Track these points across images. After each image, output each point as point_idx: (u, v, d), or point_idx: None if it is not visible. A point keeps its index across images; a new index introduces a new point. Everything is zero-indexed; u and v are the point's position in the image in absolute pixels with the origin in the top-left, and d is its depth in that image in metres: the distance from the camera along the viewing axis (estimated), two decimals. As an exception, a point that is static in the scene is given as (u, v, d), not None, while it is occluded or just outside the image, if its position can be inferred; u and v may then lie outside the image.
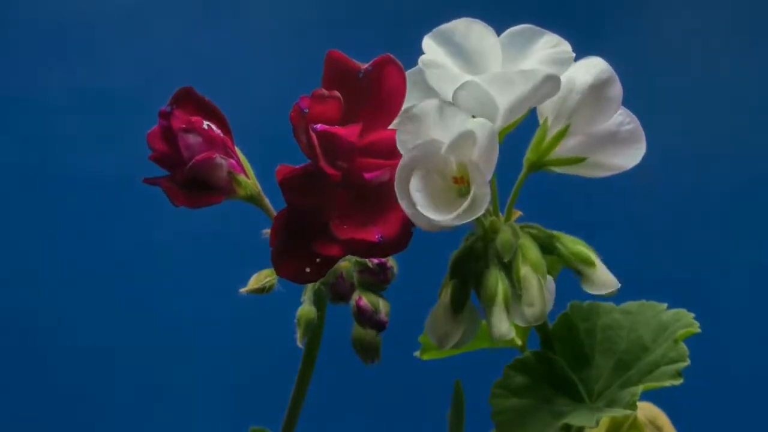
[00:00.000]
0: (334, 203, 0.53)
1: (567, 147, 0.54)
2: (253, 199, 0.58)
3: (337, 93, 0.53)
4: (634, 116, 0.55)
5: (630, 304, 0.61)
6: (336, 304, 0.60)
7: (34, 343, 1.33)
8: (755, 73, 1.37)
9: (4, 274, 1.34)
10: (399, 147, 0.52)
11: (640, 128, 0.55)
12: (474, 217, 0.50)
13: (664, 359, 0.57)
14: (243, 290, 0.59)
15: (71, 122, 1.36)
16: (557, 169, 0.55)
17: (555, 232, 0.56)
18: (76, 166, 1.34)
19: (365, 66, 0.54)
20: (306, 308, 0.60)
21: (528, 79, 0.51)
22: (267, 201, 0.59)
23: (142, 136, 0.58)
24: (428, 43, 0.54)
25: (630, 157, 0.55)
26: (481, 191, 0.50)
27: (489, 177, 0.50)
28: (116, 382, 1.32)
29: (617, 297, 0.62)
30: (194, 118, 0.57)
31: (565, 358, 0.59)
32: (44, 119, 1.36)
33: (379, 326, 0.59)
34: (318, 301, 0.60)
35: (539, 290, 0.53)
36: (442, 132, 0.51)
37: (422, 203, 0.50)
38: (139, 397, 1.32)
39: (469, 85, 0.51)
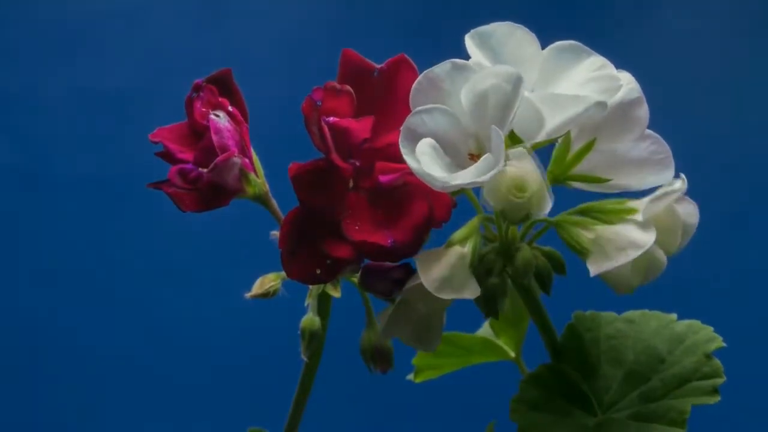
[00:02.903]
0: (346, 202, 0.52)
1: (591, 164, 0.54)
2: (260, 199, 0.57)
3: (349, 88, 0.53)
4: (666, 145, 0.54)
5: (632, 313, 0.61)
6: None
7: (34, 343, 1.32)
8: (756, 74, 1.36)
9: (4, 275, 1.33)
10: (411, 102, 0.51)
11: (671, 159, 0.54)
12: (484, 179, 0.49)
13: (696, 374, 0.57)
14: (248, 295, 0.59)
15: (71, 122, 1.36)
16: (578, 185, 0.55)
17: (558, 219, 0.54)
18: (75, 166, 1.34)
19: (380, 65, 0.54)
20: (309, 318, 0.59)
21: (579, 104, 0.50)
22: (274, 201, 0.58)
23: (143, 136, 0.57)
24: (468, 42, 0.53)
25: (655, 184, 0.54)
26: (497, 152, 0.49)
27: (505, 133, 0.49)
28: (116, 382, 1.32)
29: (619, 303, 0.62)
30: (221, 100, 0.57)
31: (574, 369, 0.59)
32: (44, 119, 1.36)
33: (400, 273, 0.55)
34: (321, 306, 0.60)
35: (626, 233, 0.51)
36: (457, 100, 0.51)
37: (427, 164, 0.50)
38: (139, 398, 1.32)
39: (522, 101, 0.50)
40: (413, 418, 1.28)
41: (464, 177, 0.49)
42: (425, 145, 0.50)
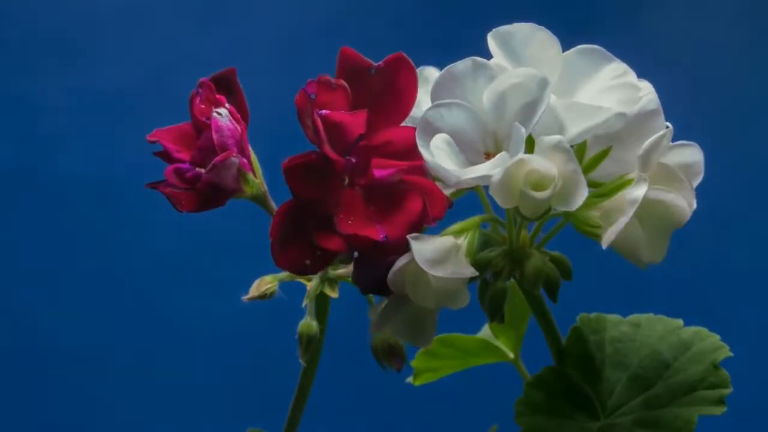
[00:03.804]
0: (340, 196, 0.52)
1: (605, 171, 0.53)
2: (258, 199, 0.57)
3: (344, 82, 0.53)
4: None
5: (637, 317, 0.60)
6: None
7: (33, 343, 1.32)
8: (754, 74, 1.36)
9: (3, 275, 1.33)
10: (431, 97, 0.51)
11: None
12: (498, 171, 0.48)
13: (703, 383, 0.56)
14: (245, 298, 0.59)
15: (71, 122, 1.36)
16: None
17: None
18: (76, 166, 1.34)
19: (378, 63, 0.54)
20: (307, 323, 0.59)
21: (600, 115, 0.50)
22: (272, 202, 0.58)
23: (142, 137, 0.57)
24: (489, 41, 0.53)
25: None
26: (515, 149, 0.48)
27: (526, 134, 0.48)
28: (116, 382, 1.32)
29: (622, 307, 0.61)
30: (219, 96, 0.57)
31: (579, 372, 0.58)
32: (44, 119, 1.36)
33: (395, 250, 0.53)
34: (319, 307, 0.60)
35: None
36: (477, 97, 0.50)
37: (441, 158, 0.49)
38: (139, 398, 1.32)
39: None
40: (413, 420, 1.28)
41: (478, 171, 0.49)
42: (440, 139, 0.50)
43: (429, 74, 0.55)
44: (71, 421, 1.31)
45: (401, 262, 0.51)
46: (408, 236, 0.50)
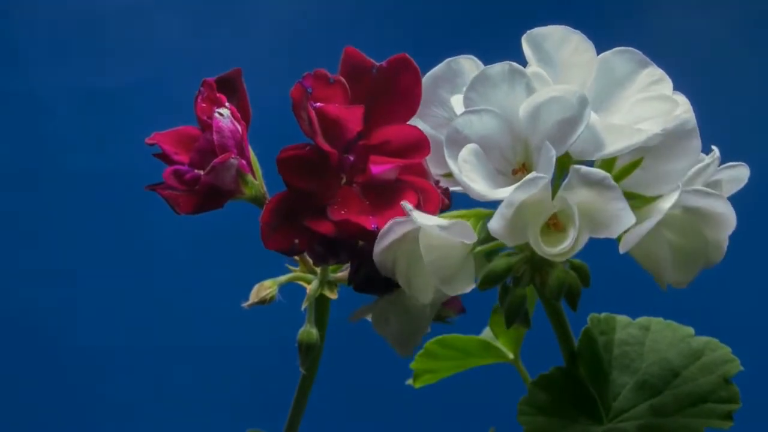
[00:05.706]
0: (335, 190, 0.52)
1: (634, 180, 0.52)
2: (257, 201, 0.57)
3: (342, 79, 0.53)
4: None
5: (647, 320, 0.60)
6: (320, 265, 0.58)
7: (33, 342, 1.32)
8: (757, 74, 1.36)
9: (4, 274, 1.33)
10: (464, 99, 0.50)
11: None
12: (523, 197, 0.47)
13: (713, 396, 0.56)
14: (245, 305, 0.59)
15: (71, 122, 1.36)
16: None
17: None
18: (76, 166, 1.34)
19: (380, 63, 0.54)
20: (306, 331, 0.59)
21: (640, 136, 0.49)
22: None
23: (142, 136, 0.57)
24: (524, 44, 0.52)
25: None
26: (544, 170, 0.47)
27: (558, 155, 0.47)
28: (116, 381, 1.32)
29: (629, 308, 0.61)
30: (219, 95, 0.57)
31: (587, 373, 0.58)
32: (44, 119, 1.36)
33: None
34: (319, 309, 0.60)
35: None
36: (510, 101, 0.49)
37: (468, 173, 0.48)
38: (138, 398, 1.31)
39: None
40: (413, 421, 1.28)
41: (504, 193, 0.48)
42: (469, 152, 0.49)
43: (460, 67, 0.55)
44: (70, 421, 1.31)
45: (388, 238, 0.50)
46: (402, 203, 0.49)
